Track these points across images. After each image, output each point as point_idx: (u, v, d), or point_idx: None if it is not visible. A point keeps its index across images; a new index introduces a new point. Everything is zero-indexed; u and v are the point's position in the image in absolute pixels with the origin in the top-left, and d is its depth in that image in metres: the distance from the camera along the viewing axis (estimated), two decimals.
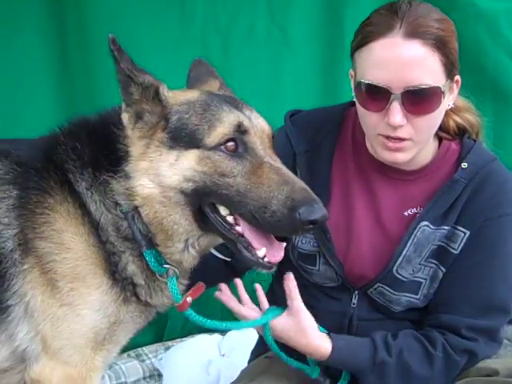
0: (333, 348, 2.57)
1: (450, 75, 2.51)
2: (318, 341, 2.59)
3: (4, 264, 2.24)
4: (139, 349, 4.14)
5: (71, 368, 2.31)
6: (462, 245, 2.60)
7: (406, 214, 2.66)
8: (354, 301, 2.74)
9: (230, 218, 2.24)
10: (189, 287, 2.48)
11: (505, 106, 4.34)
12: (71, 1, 3.88)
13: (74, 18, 3.89)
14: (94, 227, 2.29)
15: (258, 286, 2.76)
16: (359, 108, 2.56)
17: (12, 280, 2.24)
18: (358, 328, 2.73)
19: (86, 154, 2.32)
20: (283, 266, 2.84)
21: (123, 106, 2.30)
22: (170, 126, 2.27)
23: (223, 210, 2.24)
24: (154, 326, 4.16)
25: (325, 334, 2.61)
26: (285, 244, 2.29)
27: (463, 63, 3.81)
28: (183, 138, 2.25)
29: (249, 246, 2.24)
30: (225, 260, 2.90)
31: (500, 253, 2.63)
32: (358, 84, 2.50)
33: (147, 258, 2.32)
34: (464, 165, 2.62)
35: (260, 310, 2.70)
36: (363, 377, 2.61)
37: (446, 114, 2.64)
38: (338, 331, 2.71)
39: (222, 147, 2.22)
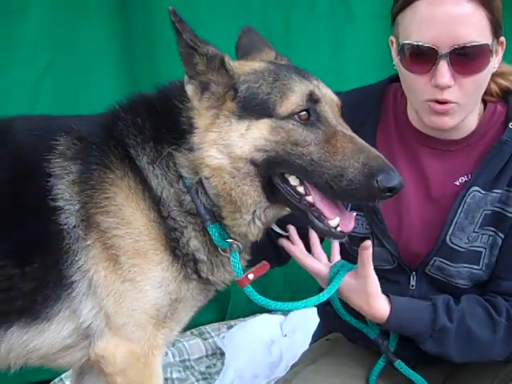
0: (391, 310, 2.51)
1: (496, 34, 2.43)
2: (379, 303, 2.52)
3: (67, 240, 2.24)
4: (202, 327, 4.17)
5: (134, 344, 2.31)
6: None
7: (457, 183, 2.59)
8: (413, 282, 2.67)
9: (300, 188, 2.22)
10: (253, 265, 2.45)
11: None
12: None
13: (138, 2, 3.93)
14: (155, 202, 2.28)
15: (312, 232, 2.63)
16: (404, 74, 2.50)
17: (76, 256, 2.24)
18: None
19: (146, 129, 2.31)
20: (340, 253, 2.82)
21: (186, 78, 2.27)
22: (239, 96, 2.24)
23: (293, 180, 2.22)
24: (216, 305, 4.20)
25: (386, 297, 2.54)
26: (355, 214, 2.28)
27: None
28: (254, 108, 2.22)
29: (321, 216, 2.21)
30: (273, 246, 2.81)
31: None
32: (403, 46, 2.45)
33: (211, 232, 2.30)
34: (511, 125, 2.53)
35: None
36: (422, 341, 2.54)
37: (493, 78, 2.57)
38: None
39: (296, 116, 2.19)
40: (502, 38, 2.49)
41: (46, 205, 2.24)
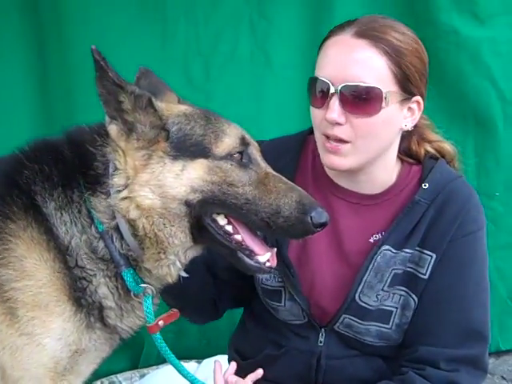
0: None
1: (403, 88, 2.46)
2: None
3: None
4: (113, 376, 4.05)
5: None
6: (430, 269, 2.53)
7: (371, 240, 2.60)
8: (322, 339, 2.66)
9: (228, 228, 2.24)
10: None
11: (486, 133, 4.33)
12: (51, 23, 3.85)
13: (54, 39, 3.86)
14: (61, 252, 2.20)
15: (217, 364, 2.66)
16: (311, 108, 2.55)
17: None
18: (326, 367, 2.67)
19: (54, 175, 2.24)
20: (253, 302, 2.90)
21: (107, 119, 2.23)
22: (172, 136, 2.23)
23: (221, 220, 2.24)
24: (129, 353, 4.11)
25: None
26: (275, 249, 2.31)
27: (445, 90, 3.80)
28: (188, 148, 2.22)
29: (251, 253, 2.25)
30: (213, 300, 2.90)
31: (470, 273, 2.55)
32: (309, 81, 2.52)
33: (125, 278, 2.25)
34: (425, 185, 2.56)
35: None
36: None
37: (418, 143, 2.62)
38: (307, 371, 2.66)
39: (231, 158, 2.24)
40: (418, 98, 2.50)
41: None
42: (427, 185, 2.55)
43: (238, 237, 2.23)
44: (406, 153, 2.66)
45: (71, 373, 2.26)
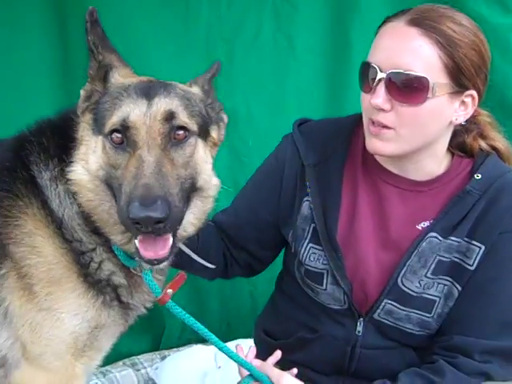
0: None
1: (455, 81, 2.43)
2: None
3: None
4: (135, 357, 4.06)
5: (52, 375, 2.26)
6: (477, 260, 2.52)
7: (418, 227, 2.59)
8: (360, 328, 2.66)
9: None
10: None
11: None
12: (75, 9, 3.77)
13: (77, 18, 3.61)
14: (58, 226, 2.23)
15: (238, 348, 2.67)
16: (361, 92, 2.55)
17: None
18: (360, 356, 2.67)
19: (50, 147, 2.27)
20: (286, 281, 2.93)
21: (87, 82, 2.27)
22: (96, 108, 2.22)
23: None
24: (150, 334, 4.14)
25: None
26: (170, 239, 2.13)
27: None
28: (98, 122, 2.20)
29: (135, 238, 2.14)
30: (225, 262, 2.91)
31: None
32: (361, 66, 2.51)
33: (116, 252, 2.26)
34: (477, 176, 2.55)
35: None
36: None
37: (474, 138, 2.59)
38: (340, 358, 2.66)
39: (110, 137, 2.15)
40: (472, 92, 2.47)
41: None
42: (480, 175, 2.54)
43: None
44: (460, 147, 2.64)
45: (91, 348, 2.31)
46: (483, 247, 2.50)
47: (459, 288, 2.53)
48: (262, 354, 2.71)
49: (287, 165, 2.77)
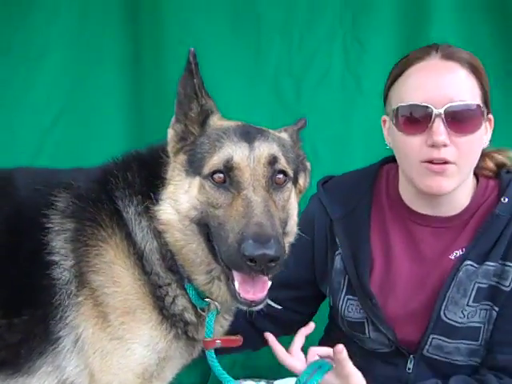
0: None
1: (485, 105, 2.50)
2: None
3: (59, 295, 2.27)
4: None
5: None
6: None
7: (451, 257, 2.64)
8: (410, 365, 2.68)
9: None
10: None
11: None
12: (148, 33, 3.94)
13: (150, 49, 3.95)
14: (139, 258, 2.30)
15: (310, 324, 2.70)
16: (399, 139, 2.56)
17: (66, 312, 2.27)
18: None
19: (136, 183, 2.35)
20: (333, 331, 2.96)
21: (173, 120, 2.34)
22: (192, 149, 2.29)
23: None
24: (200, 368, 4.08)
25: None
26: (269, 282, 2.18)
27: None
28: (194, 164, 2.27)
29: (233, 280, 2.17)
30: (252, 324, 2.84)
31: None
32: (397, 110, 2.50)
33: (188, 291, 2.32)
34: (504, 199, 2.58)
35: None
36: None
37: (483, 154, 2.63)
38: None
39: (212, 177, 2.20)
40: (490, 116, 2.57)
41: (41, 259, 2.28)
42: (506, 199, 2.57)
43: None
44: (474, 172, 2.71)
45: (158, 379, 2.36)
46: None
47: (496, 309, 2.56)
48: None
49: (316, 222, 2.82)
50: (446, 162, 2.47)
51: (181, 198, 2.25)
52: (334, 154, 3.97)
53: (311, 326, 2.70)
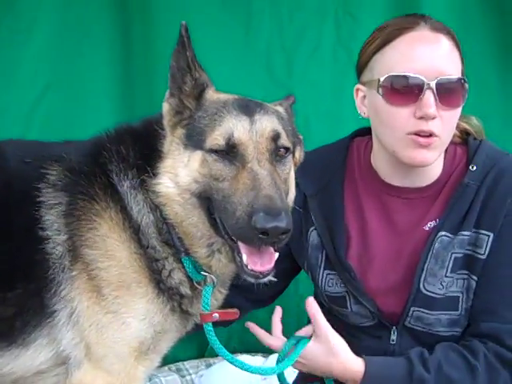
0: (366, 369, 2.51)
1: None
2: (352, 364, 2.52)
3: (53, 269, 2.27)
4: (180, 363, 4.08)
5: (113, 377, 2.31)
6: (488, 248, 2.54)
7: (426, 228, 2.63)
8: (393, 337, 2.68)
9: None
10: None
11: None
12: (136, 12, 3.93)
13: (139, 28, 3.95)
14: (135, 232, 2.29)
15: (277, 308, 2.71)
16: (383, 110, 2.52)
17: (60, 285, 2.27)
18: None
19: (130, 156, 2.35)
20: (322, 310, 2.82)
21: (167, 94, 2.32)
22: (190, 123, 2.29)
23: None
24: (196, 341, 4.14)
25: (357, 357, 2.54)
26: (276, 253, 2.20)
27: None
28: (193, 138, 2.27)
29: (238, 252, 2.19)
30: (245, 296, 2.87)
31: None
32: (386, 80, 2.48)
33: (185, 264, 2.33)
34: (472, 167, 2.58)
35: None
36: None
37: None
38: None
39: (216, 151, 2.21)
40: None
41: (34, 233, 2.27)
42: (475, 167, 2.58)
43: None
44: None
45: (153, 352, 2.36)
46: (491, 234, 2.53)
47: (475, 278, 2.56)
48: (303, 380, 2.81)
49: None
50: (431, 135, 2.46)
51: (180, 171, 2.26)
52: (326, 128, 3.95)
53: (279, 309, 2.71)
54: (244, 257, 2.17)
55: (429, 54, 2.46)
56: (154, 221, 2.31)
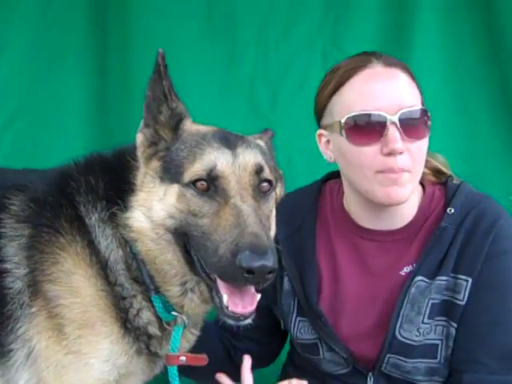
0: None
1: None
2: None
3: (11, 305, 2.23)
4: None
5: None
6: (467, 294, 2.53)
7: (402, 273, 2.62)
8: (370, 383, 2.65)
9: None
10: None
11: None
12: (116, 34, 3.94)
13: (118, 50, 3.95)
14: (102, 268, 2.26)
15: (246, 357, 2.71)
16: (349, 151, 2.53)
17: (18, 323, 2.23)
18: None
19: (100, 188, 2.32)
20: (295, 354, 2.94)
21: (142, 124, 2.31)
22: (167, 155, 2.27)
23: None
24: None
25: None
26: (258, 295, 2.19)
27: None
28: (171, 171, 2.24)
29: (218, 292, 2.17)
30: (228, 352, 2.94)
31: (509, 292, 2.54)
32: (347, 121, 2.50)
33: (155, 303, 2.30)
34: (450, 210, 2.59)
35: None
36: None
37: None
38: None
39: (194, 185, 2.19)
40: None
41: None
42: (452, 210, 2.59)
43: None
44: None
45: None
46: (470, 279, 2.52)
47: (455, 326, 2.54)
48: None
49: None
50: (401, 170, 2.48)
51: (155, 205, 2.23)
52: (309, 165, 3.79)
53: (247, 358, 2.70)
54: (224, 297, 2.14)
55: (387, 89, 2.49)
56: (122, 256, 2.29)
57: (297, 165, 3.91)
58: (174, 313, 2.32)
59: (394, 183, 2.48)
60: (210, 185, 2.19)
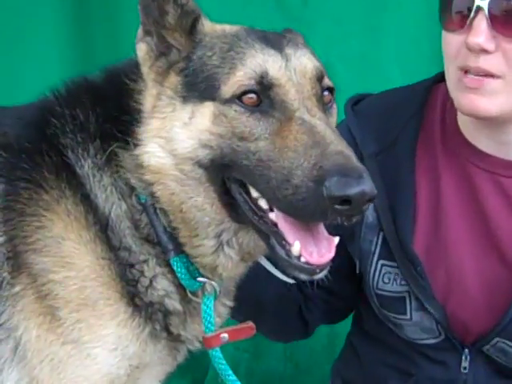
0: None
1: None
2: None
3: None
4: None
5: None
6: None
7: None
8: (465, 364, 2.55)
9: (262, 202, 2.01)
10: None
11: None
12: None
13: None
14: (102, 229, 2.12)
15: None
16: (443, 36, 2.39)
17: None
18: None
19: (91, 123, 2.16)
20: (365, 317, 2.83)
21: (140, 32, 2.13)
22: (189, 67, 2.11)
23: (255, 191, 2.02)
24: (190, 378, 4.05)
25: None
26: (336, 239, 2.02)
27: None
28: (198, 86, 2.08)
29: (282, 240, 2.00)
30: (298, 311, 2.81)
31: None
32: None
33: (175, 268, 2.15)
34: None
35: None
36: None
37: None
38: None
39: (240, 100, 2.03)
40: None
41: None
42: None
43: (272, 215, 2.00)
44: None
45: None
46: None
47: None
48: None
49: None
50: (487, 75, 2.28)
51: (177, 134, 2.06)
52: (355, 74, 3.78)
53: None
54: (296, 245, 1.95)
55: None
56: (127, 211, 2.14)
57: (338, 74, 3.59)
58: (200, 279, 2.16)
59: (474, 89, 2.29)
60: (263, 97, 2.01)
